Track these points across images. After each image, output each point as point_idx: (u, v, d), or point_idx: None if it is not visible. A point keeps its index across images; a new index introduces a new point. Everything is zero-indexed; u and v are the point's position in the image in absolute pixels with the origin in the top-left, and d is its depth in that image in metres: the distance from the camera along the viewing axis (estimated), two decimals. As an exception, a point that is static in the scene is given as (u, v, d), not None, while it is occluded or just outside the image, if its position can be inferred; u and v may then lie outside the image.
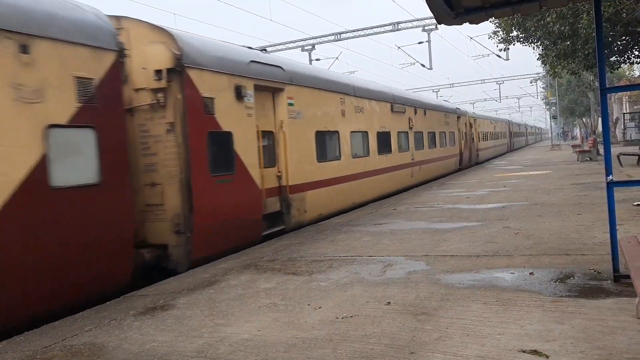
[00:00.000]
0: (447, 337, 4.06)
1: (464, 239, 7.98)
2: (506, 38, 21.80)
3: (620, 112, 48.13)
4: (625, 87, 8.18)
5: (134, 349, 4.38)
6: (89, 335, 4.83)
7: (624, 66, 28.21)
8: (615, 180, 5.36)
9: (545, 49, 20.87)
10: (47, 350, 4.53)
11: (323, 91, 12.28)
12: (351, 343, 4.11)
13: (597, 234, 7.46)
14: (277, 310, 5.14)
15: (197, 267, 7.62)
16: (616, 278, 5.17)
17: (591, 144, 27.64)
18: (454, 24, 5.47)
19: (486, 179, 19.57)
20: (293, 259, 7.57)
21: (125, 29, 7.81)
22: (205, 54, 8.42)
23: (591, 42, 17.84)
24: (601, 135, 41.10)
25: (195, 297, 5.89)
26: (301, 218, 10.86)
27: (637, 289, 3.23)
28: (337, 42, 33.78)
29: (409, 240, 8.30)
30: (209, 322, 4.92)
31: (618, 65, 22.87)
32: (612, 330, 3.93)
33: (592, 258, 6.17)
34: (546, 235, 7.77)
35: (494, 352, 3.71)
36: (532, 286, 5.26)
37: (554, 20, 17.86)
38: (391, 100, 17.00)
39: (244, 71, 9.30)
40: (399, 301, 5.10)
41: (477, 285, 5.43)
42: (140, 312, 5.49)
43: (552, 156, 33.82)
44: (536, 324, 4.17)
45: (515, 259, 6.46)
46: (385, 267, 6.57)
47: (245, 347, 4.20)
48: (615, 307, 4.44)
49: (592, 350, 3.59)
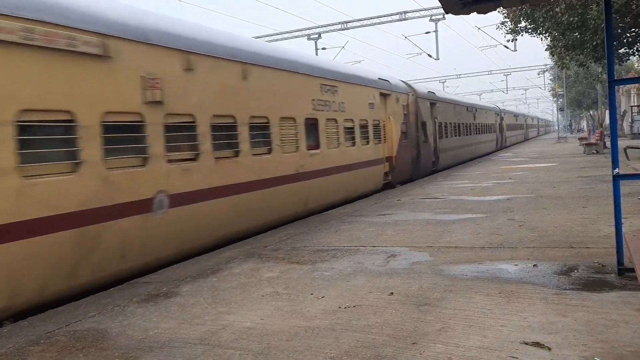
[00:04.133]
0: (449, 328, 4.06)
1: (468, 231, 7.96)
2: (514, 29, 21.61)
3: (628, 104, 47.81)
4: (633, 79, 8.10)
5: (137, 335, 4.40)
6: (93, 321, 4.86)
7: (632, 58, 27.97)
8: (621, 173, 5.33)
9: (554, 39, 20.69)
10: (51, 335, 4.56)
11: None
12: (353, 333, 4.12)
13: (602, 227, 7.42)
14: (280, 299, 5.15)
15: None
16: (620, 271, 5.15)
17: (598, 137, 27.48)
18: (462, 14, 5.42)
19: (491, 170, 19.51)
20: (297, 248, 7.58)
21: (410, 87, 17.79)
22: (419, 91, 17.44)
23: (600, 33, 17.67)
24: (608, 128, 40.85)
25: (198, 284, 5.90)
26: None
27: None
28: (343, 31, 33.63)
29: (412, 231, 8.29)
30: (212, 310, 4.94)
31: (627, 58, 22.66)
32: (615, 323, 3.92)
33: (596, 251, 6.14)
34: (551, 228, 7.74)
35: (496, 343, 3.71)
36: (535, 278, 5.24)
37: (562, 11, 17.69)
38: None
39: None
40: (402, 292, 5.10)
41: (481, 277, 5.42)
42: (143, 299, 5.52)
43: (558, 149, 33.68)
44: (539, 316, 4.16)
45: (519, 251, 6.44)
46: (388, 258, 6.57)
47: (247, 335, 4.21)
48: (619, 300, 4.42)
49: (595, 344, 3.58)
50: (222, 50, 8.67)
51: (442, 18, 31.35)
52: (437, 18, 31.22)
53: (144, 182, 6.89)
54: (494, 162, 24.29)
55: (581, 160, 21.32)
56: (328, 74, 12.53)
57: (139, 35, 7.03)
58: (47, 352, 4.16)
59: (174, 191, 7.37)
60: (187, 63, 7.78)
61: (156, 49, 7.27)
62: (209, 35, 8.67)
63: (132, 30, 6.94)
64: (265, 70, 9.81)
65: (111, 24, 6.63)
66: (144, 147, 6.93)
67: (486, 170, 19.90)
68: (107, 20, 6.61)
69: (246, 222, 8.98)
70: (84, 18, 6.28)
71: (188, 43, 7.90)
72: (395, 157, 16.29)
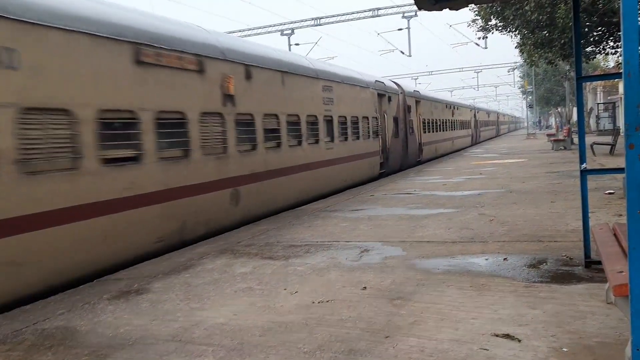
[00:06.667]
0: (422, 322, 4.10)
1: (440, 225, 8.04)
2: (485, 26, 21.89)
3: (594, 102, 48.91)
4: (600, 76, 8.28)
5: (108, 332, 4.33)
6: (62, 319, 4.76)
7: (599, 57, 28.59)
8: (588, 168, 5.44)
9: (523, 37, 21.04)
10: (17, 334, 4.45)
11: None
12: (327, 327, 4.12)
13: (570, 222, 7.58)
14: (253, 294, 5.13)
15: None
16: (587, 264, 5.27)
17: (566, 133, 28.04)
18: (434, 10, 5.45)
19: (463, 166, 19.74)
20: (270, 243, 7.55)
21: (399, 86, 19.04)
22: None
23: (567, 32, 18.04)
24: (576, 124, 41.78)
25: (170, 281, 5.84)
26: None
27: (608, 274, 3.29)
28: (316, 27, 33.61)
29: (385, 226, 8.34)
30: (185, 306, 4.88)
31: (594, 56, 23.18)
32: (582, 314, 4.01)
33: (564, 245, 6.27)
34: (520, 222, 7.88)
35: (467, 336, 3.76)
36: (506, 272, 5.33)
37: (532, 9, 17.99)
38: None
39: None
40: (375, 286, 5.13)
41: (452, 271, 5.48)
42: (114, 295, 5.43)
43: (528, 145, 34.28)
44: (509, 309, 4.23)
45: (489, 245, 6.54)
46: (361, 253, 6.59)
47: (221, 331, 4.18)
48: (586, 292, 4.52)
49: (563, 335, 3.66)
50: (270, 62, 11.05)
51: (414, 15, 31.57)
52: (409, 15, 31.44)
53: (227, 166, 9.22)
54: (465, 158, 24.60)
55: (549, 156, 21.74)
56: (342, 79, 15.10)
57: (218, 54, 9.21)
58: (14, 351, 4.06)
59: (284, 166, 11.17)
60: (247, 73, 10.05)
61: (228, 63, 9.46)
62: (264, 51, 11.28)
63: (214, 50, 9.12)
64: (297, 77, 12.23)
65: (205, 47, 8.91)
66: (224, 139, 9.18)
67: (457, 166, 20.14)
68: (203, 44, 8.90)
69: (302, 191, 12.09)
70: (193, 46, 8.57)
71: (250, 58, 10.28)
72: (389, 149, 18.67)
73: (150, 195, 7.46)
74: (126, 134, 7.17)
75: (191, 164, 8.32)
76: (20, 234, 5.63)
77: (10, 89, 5.61)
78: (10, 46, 5.64)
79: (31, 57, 5.85)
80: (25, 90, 5.76)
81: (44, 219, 5.88)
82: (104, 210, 6.68)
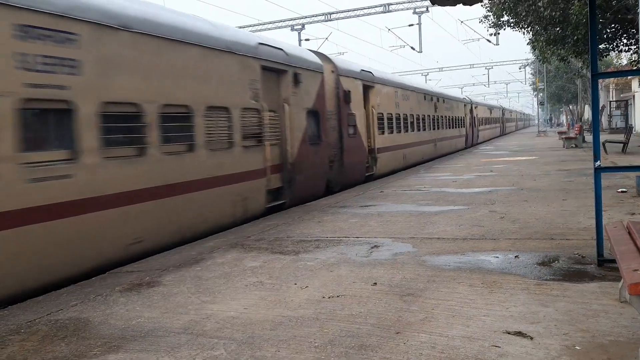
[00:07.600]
0: (432, 318, 4.09)
1: (450, 222, 8.02)
2: (497, 22, 21.76)
3: (606, 99, 48.52)
4: (616, 72, 8.26)
5: (120, 324, 4.37)
6: (74, 310, 4.80)
7: (612, 54, 28.35)
8: (602, 166, 5.40)
9: (536, 34, 20.90)
10: (31, 324, 4.49)
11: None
12: (337, 322, 4.13)
13: (582, 220, 7.54)
14: (263, 288, 5.15)
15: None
16: (600, 262, 5.24)
17: (577, 131, 27.85)
18: (447, 5, 5.43)
19: (473, 163, 19.67)
20: (280, 238, 7.57)
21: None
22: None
23: (581, 29, 17.88)
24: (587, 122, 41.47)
25: (181, 274, 5.87)
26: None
27: (622, 272, 3.26)
28: (327, 22, 33.54)
29: (395, 222, 8.33)
30: (196, 300, 4.91)
31: (607, 53, 22.97)
32: (595, 313, 3.99)
33: (576, 243, 6.24)
34: (532, 219, 7.84)
35: (478, 332, 3.75)
36: (517, 269, 5.31)
37: (545, 5, 17.86)
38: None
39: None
40: (385, 282, 5.13)
41: (463, 268, 5.47)
42: (126, 288, 5.47)
43: (539, 142, 34.06)
44: (521, 307, 4.22)
45: (500, 243, 6.51)
46: (371, 249, 6.59)
47: (232, 325, 4.20)
48: (599, 290, 4.50)
49: (576, 333, 3.64)
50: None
51: (425, 11, 31.42)
52: (420, 11, 31.29)
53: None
54: (475, 155, 24.50)
55: (561, 154, 21.60)
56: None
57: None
58: (28, 342, 4.10)
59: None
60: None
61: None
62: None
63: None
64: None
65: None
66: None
67: (468, 163, 20.06)
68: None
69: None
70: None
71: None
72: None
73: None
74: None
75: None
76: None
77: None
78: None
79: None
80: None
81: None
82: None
